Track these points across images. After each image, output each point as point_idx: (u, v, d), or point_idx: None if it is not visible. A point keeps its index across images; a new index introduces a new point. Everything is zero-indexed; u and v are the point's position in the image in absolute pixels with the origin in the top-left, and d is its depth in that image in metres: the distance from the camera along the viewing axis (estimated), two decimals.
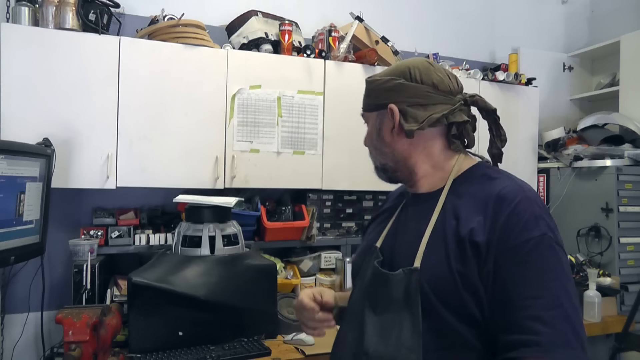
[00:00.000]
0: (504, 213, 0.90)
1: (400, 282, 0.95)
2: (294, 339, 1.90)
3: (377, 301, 1.00)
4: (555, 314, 0.83)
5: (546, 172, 3.09)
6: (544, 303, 0.84)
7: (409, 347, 0.92)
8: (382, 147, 1.10)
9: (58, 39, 2.03)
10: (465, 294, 0.89)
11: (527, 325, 0.83)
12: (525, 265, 0.87)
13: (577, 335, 0.83)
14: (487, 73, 2.92)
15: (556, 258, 0.88)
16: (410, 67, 1.05)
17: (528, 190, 0.96)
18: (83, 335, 1.48)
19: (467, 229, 0.91)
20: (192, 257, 1.92)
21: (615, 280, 2.51)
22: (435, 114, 1.02)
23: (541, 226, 0.90)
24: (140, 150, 2.14)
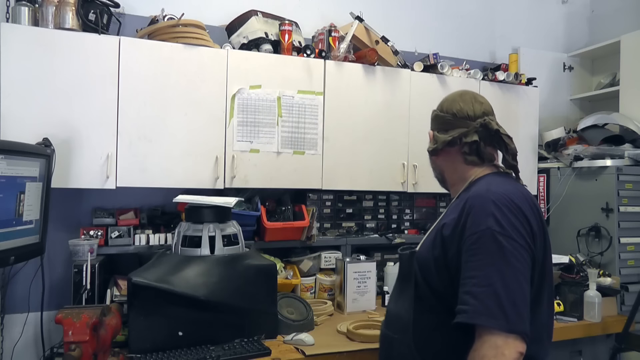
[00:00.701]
0: (466, 212, 1.16)
1: (406, 260, 1.32)
2: (294, 339, 1.90)
3: (399, 276, 1.41)
4: (483, 291, 1.06)
5: (546, 172, 3.09)
6: (476, 282, 1.08)
7: (406, 309, 1.26)
8: (431, 163, 1.45)
9: (58, 38, 2.03)
10: (435, 272, 1.20)
11: (463, 298, 1.09)
12: (470, 252, 1.11)
13: (502, 310, 1.03)
14: (487, 73, 2.92)
15: (497, 247, 1.08)
16: (445, 100, 1.40)
17: (493, 192, 1.17)
18: (83, 336, 1.48)
19: (441, 224, 1.22)
20: (192, 257, 1.92)
21: (615, 281, 2.51)
22: (449, 137, 1.32)
23: (488, 222, 1.11)
24: (140, 150, 2.14)
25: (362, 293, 2.39)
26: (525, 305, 1.07)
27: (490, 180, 1.25)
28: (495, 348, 1.02)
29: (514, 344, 1.03)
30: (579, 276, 2.48)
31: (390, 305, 1.40)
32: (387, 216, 2.78)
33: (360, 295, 2.38)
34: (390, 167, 2.60)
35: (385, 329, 1.38)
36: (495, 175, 1.29)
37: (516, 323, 1.03)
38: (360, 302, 2.38)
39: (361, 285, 2.39)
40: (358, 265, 2.39)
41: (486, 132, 1.30)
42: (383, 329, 1.40)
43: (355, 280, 2.38)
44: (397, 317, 1.31)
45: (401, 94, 2.64)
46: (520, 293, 1.07)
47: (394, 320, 1.34)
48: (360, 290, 2.39)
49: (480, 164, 1.31)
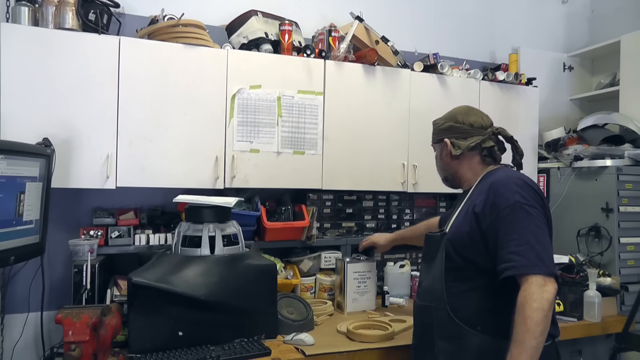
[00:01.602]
0: (492, 193, 1.48)
1: (437, 240, 1.60)
2: (294, 339, 1.90)
3: (426, 254, 1.68)
4: (524, 248, 1.36)
5: (546, 172, 3.09)
6: (516, 243, 1.38)
7: (439, 280, 1.55)
8: (442, 165, 1.73)
9: (58, 38, 2.03)
10: (470, 244, 1.49)
11: (507, 257, 1.38)
12: (505, 221, 1.41)
13: (540, 259, 1.35)
14: (487, 73, 2.91)
15: (525, 214, 1.40)
16: (456, 114, 1.68)
17: (512, 176, 1.52)
18: (83, 335, 1.48)
19: (472, 205, 1.52)
20: (192, 257, 1.92)
21: (615, 280, 2.51)
22: (471, 143, 1.64)
23: (516, 197, 1.43)
24: (140, 150, 2.14)
25: (362, 293, 2.38)
26: (552, 254, 1.40)
27: (505, 171, 1.60)
28: (540, 286, 1.33)
29: (552, 282, 1.35)
30: (579, 276, 2.48)
31: (422, 279, 1.70)
32: (387, 216, 2.78)
33: (360, 295, 2.37)
34: (390, 167, 2.60)
35: (421, 300, 1.65)
36: (505, 168, 1.64)
37: (551, 267, 1.36)
38: (360, 302, 2.37)
39: (361, 285, 2.37)
40: (358, 265, 2.38)
41: (497, 138, 1.67)
42: (418, 302, 1.67)
43: (355, 281, 2.37)
44: (430, 289, 1.58)
45: (401, 94, 2.64)
46: (548, 245, 1.40)
47: (428, 292, 1.60)
48: (360, 290, 2.37)
49: (493, 163, 1.66)
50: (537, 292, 1.32)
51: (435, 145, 1.75)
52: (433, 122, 1.75)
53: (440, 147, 1.71)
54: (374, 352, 1.88)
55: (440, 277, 1.54)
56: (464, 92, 2.79)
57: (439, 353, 1.53)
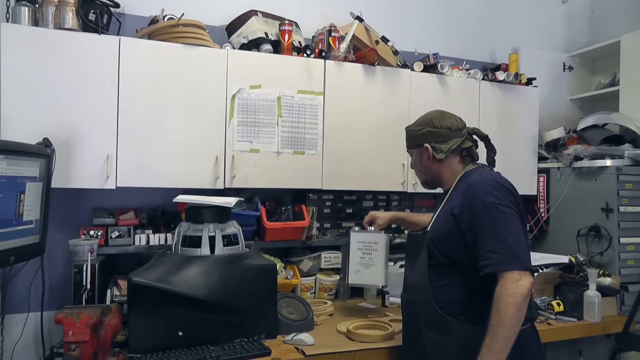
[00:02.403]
0: (469, 195, 1.56)
1: (419, 238, 1.68)
2: (294, 339, 1.90)
3: (410, 252, 1.78)
4: (500, 247, 1.46)
5: (546, 172, 3.09)
6: (493, 241, 1.47)
7: (422, 275, 1.64)
8: (423, 169, 1.79)
9: (58, 39, 2.03)
10: (450, 243, 1.58)
11: (485, 255, 1.47)
12: (481, 221, 1.50)
13: (516, 256, 1.44)
14: (487, 73, 2.91)
15: (500, 213, 1.49)
16: (431, 119, 1.74)
17: (486, 178, 1.59)
18: (83, 336, 1.48)
19: (451, 206, 1.60)
20: (192, 257, 1.92)
21: (615, 280, 2.51)
22: (452, 146, 1.70)
23: (490, 197, 1.51)
24: (140, 150, 2.14)
25: (366, 265, 2.19)
26: (527, 249, 1.49)
27: (480, 171, 1.66)
28: (515, 281, 1.42)
29: (527, 276, 1.44)
30: (579, 276, 2.48)
31: (407, 275, 1.78)
32: None
33: (365, 268, 2.19)
34: (390, 167, 2.60)
35: (407, 295, 1.74)
36: (480, 168, 1.70)
37: (525, 262, 1.45)
38: (364, 275, 2.19)
39: (365, 256, 2.19)
40: (362, 234, 2.20)
41: (472, 138, 1.75)
42: (405, 296, 1.76)
43: (359, 251, 2.20)
44: (415, 283, 1.67)
45: (401, 94, 2.64)
46: (523, 242, 1.49)
47: (413, 286, 1.69)
48: (364, 262, 2.19)
49: (471, 162, 1.73)
50: (512, 287, 1.41)
51: (412, 151, 1.82)
52: (406, 128, 1.82)
53: (419, 152, 1.77)
54: (374, 352, 1.88)
55: (424, 272, 1.63)
56: (464, 92, 2.79)
57: (427, 343, 1.62)
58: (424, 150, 1.74)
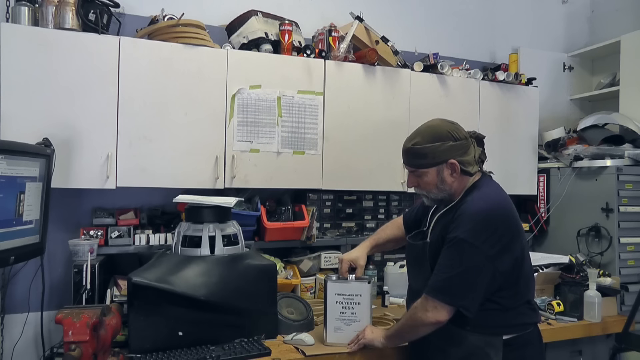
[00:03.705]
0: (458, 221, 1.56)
1: (420, 249, 1.69)
2: (294, 339, 1.90)
3: (412, 260, 1.79)
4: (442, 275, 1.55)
5: (546, 172, 3.09)
6: (440, 268, 1.56)
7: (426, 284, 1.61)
8: (444, 188, 1.63)
9: (58, 38, 2.03)
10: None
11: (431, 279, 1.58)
12: (447, 250, 1.56)
13: (448, 290, 1.53)
14: (487, 73, 2.91)
15: (459, 252, 1.52)
16: (447, 130, 1.60)
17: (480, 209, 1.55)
18: (83, 335, 1.47)
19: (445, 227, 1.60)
20: (192, 257, 1.92)
21: (615, 280, 2.51)
22: (474, 156, 1.63)
23: (462, 232, 1.52)
24: (140, 150, 2.14)
25: (348, 321, 1.86)
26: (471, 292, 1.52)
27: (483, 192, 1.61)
28: (426, 310, 1.56)
29: (442, 312, 1.53)
30: (579, 276, 2.48)
31: (411, 282, 1.79)
32: (387, 216, 2.77)
33: (346, 324, 1.86)
34: (390, 167, 2.60)
35: (412, 301, 1.71)
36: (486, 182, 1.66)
37: (453, 298, 1.53)
38: (346, 333, 1.85)
39: (347, 311, 1.86)
40: (342, 285, 1.87)
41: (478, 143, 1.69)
42: (410, 303, 1.73)
43: (339, 305, 1.86)
44: (420, 290, 1.63)
45: (401, 94, 2.64)
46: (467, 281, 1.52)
47: (418, 296, 1.64)
48: (345, 317, 1.87)
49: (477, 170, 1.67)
50: (421, 311, 1.57)
51: (426, 170, 1.62)
52: (416, 146, 1.61)
53: (439, 170, 1.61)
54: (374, 352, 1.87)
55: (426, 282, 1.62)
56: (464, 92, 2.79)
57: (433, 349, 1.65)
58: (445, 167, 1.60)
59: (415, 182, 1.67)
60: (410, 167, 1.67)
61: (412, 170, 1.66)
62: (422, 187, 1.66)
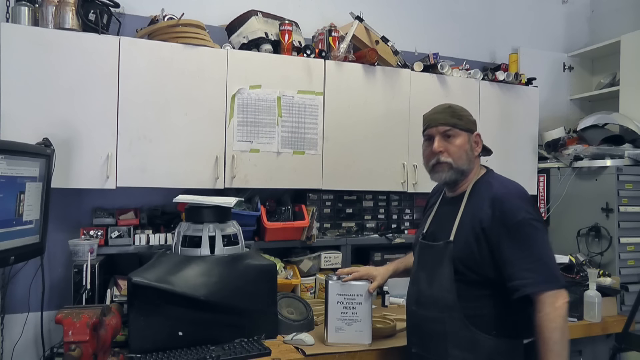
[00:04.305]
0: (497, 209, 1.47)
1: (439, 250, 1.56)
2: (294, 339, 1.90)
3: (424, 264, 1.63)
4: (537, 265, 1.42)
5: (546, 172, 3.09)
6: (528, 260, 1.42)
7: (448, 289, 1.51)
8: (469, 158, 1.59)
9: (58, 39, 2.03)
10: (480, 259, 1.48)
11: (521, 274, 1.42)
12: (514, 238, 1.44)
13: (553, 275, 1.43)
14: (487, 73, 2.91)
15: (534, 230, 1.44)
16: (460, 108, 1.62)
17: (512, 189, 1.53)
18: (83, 335, 1.47)
19: (479, 220, 1.49)
20: (192, 257, 1.91)
21: (615, 280, 2.51)
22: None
23: (521, 212, 1.45)
24: (140, 150, 2.14)
25: (349, 321, 1.87)
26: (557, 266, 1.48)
27: (497, 179, 1.59)
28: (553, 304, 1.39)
29: (563, 296, 1.41)
30: (579, 276, 2.48)
31: (422, 287, 1.61)
32: (387, 216, 2.77)
33: (347, 324, 1.87)
34: (390, 167, 2.60)
35: (426, 310, 1.58)
36: (494, 174, 1.64)
37: (562, 280, 1.44)
38: (348, 333, 1.87)
39: (348, 311, 1.87)
40: (343, 286, 1.88)
41: None
42: (422, 312, 1.59)
43: (340, 305, 1.87)
44: (438, 299, 1.53)
45: (401, 94, 2.64)
46: (554, 258, 1.47)
47: (435, 302, 1.54)
48: (346, 317, 1.88)
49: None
50: (551, 311, 1.39)
51: (461, 132, 1.58)
52: (456, 106, 1.62)
53: (469, 138, 1.59)
54: (374, 352, 1.87)
55: (449, 287, 1.51)
56: (464, 92, 2.79)
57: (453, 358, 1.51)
58: (473, 137, 1.60)
59: (444, 146, 1.57)
60: (445, 126, 1.57)
61: (447, 130, 1.57)
62: (451, 152, 1.56)
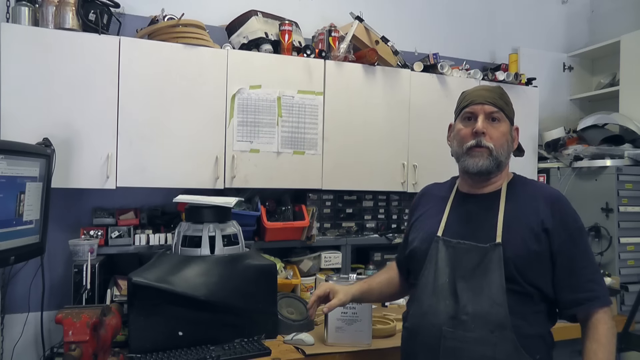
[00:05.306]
0: (558, 209, 1.31)
1: (486, 253, 1.29)
2: (294, 339, 1.90)
3: (463, 271, 1.31)
4: (598, 277, 1.31)
5: (546, 172, 3.09)
6: (591, 270, 1.30)
7: (499, 303, 1.25)
8: (509, 149, 1.40)
9: (58, 39, 2.03)
10: (538, 265, 1.28)
11: (587, 286, 1.28)
12: (577, 245, 1.30)
13: (607, 294, 1.31)
14: (487, 73, 2.92)
15: (588, 238, 1.39)
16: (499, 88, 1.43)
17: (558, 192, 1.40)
18: (83, 335, 1.47)
19: (538, 219, 1.30)
20: (192, 257, 1.92)
21: (615, 280, 2.51)
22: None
23: (579, 218, 1.34)
24: (140, 150, 2.14)
25: (349, 321, 1.86)
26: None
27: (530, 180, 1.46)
28: (607, 322, 1.27)
29: (609, 312, 1.29)
30: None
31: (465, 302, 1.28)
32: (387, 216, 2.77)
33: (347, 324, 1.87)
34: (390, 167, 2.60)
35: (469, 331, 1.26)
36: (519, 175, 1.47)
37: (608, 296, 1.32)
38: (348, 333, 1.86)
39: (348, 310, 1.86)
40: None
41: None
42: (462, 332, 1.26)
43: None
44: (487, 314, 1.25)
45: (401, 94, 2.64)
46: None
47: (483, 319, 1.25)
48: (346, 317, 1.87)
49: None
50: (612, 327, 1.28)
51: (506, 120, 1.39)
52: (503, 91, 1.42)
53: (509, 128, 1.39)
54: (374, 352, 1.87)
55: (501, 299, 1.25)
56: None
57: None
58: (514, 129, 1.42)
59: (487, 127, 1.35)
60: (494, 107, 1.35)
61: (494, 112, 1.36)
62: (494, 137, 1.35)
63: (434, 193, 1.55)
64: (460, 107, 1.42)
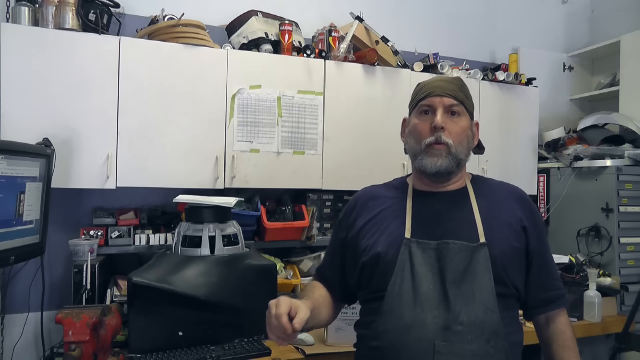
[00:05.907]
0: (528, 206, 1.27)
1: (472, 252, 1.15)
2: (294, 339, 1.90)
3: (454, 274, 1.15)
4: (558, 273, 1.31)
5: (546, 172, 3.09)
6: (555, 267, 1.30)
7: (491, 309, 1.13)
8: (468, 146, 1.28)
9: (58, 39, 2.03)
10: (517, 263, 1.21)
11: (554, 284, 1.27)
12: (545, 242, 1.28)
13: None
14: (487, 73, 2.92)
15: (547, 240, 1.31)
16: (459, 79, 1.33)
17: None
18: (83, 335, 1.48)
19: (517, 217, 1.23)
20: (192, 257, 1.92)
21: (615, 280, 2.51)
22: None
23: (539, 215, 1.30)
24: (140, 150, 2.14)
25: (349, 321, 1.83)
26: None
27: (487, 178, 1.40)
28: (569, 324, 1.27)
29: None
30: (579, 276, 2.48)
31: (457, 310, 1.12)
32: None
33: (347, 324, 1.86)
34: (390, 167, 2.60)
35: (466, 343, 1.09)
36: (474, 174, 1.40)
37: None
38: (348, 333, 1.83)
39: (348, 310, 1.85)
40: None
41: None
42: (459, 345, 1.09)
43: None
44: (480, 323, 1.11)
45: (401, 94, 2.64)
46: None
47: (478, 328, 1.11)
48: (347, 317, 1.86)
49: None
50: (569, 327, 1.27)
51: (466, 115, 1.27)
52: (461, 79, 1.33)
53: (471, 123, 1.28)
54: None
55: (493, 305, 1.12)
56: None
57: None
58: (474, 124, 1.31)
59: (447, 121, 1.22)
60: (454, 99, 1.23)
61: (453, 105, 1.24)
62: (453, 133, 1.22)
63: (380, 194, 1.39)
64: (417, 100, 1.28)
